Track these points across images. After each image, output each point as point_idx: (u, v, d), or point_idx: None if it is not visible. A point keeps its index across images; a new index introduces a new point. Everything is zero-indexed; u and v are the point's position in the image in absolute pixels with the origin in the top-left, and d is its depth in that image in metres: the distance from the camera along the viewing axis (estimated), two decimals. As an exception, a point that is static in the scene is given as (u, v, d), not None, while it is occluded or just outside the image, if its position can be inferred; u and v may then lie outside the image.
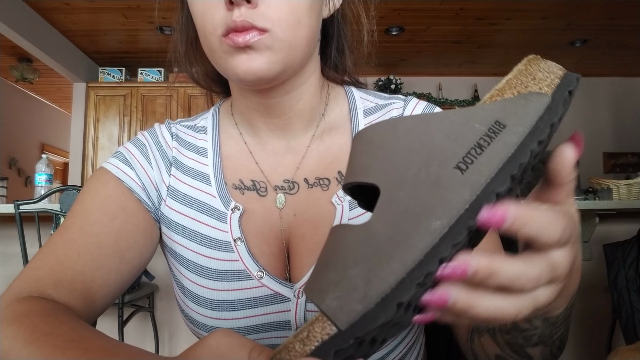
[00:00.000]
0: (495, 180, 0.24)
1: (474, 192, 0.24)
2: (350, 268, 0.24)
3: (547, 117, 0.26)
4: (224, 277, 0.48)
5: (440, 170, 0.25)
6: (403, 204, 0.24)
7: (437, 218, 0.23)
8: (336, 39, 0.55)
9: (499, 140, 0.25)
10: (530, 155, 0.25)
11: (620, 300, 1.79)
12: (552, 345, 0.38)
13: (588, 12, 3.52)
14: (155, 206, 0.52)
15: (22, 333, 0.36)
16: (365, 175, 0.27)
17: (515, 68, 0.30)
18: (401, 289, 0.22)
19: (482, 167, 0.25)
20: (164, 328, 2.15)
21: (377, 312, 0.22)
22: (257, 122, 0.53)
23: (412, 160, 0.26)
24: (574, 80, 0.28)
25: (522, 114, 0.26)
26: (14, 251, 2.08)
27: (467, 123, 0.27)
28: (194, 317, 0.49)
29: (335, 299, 0.23)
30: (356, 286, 0.23)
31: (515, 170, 0.25)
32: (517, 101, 0.27)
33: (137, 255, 0.49)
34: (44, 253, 0.45)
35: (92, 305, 0.45)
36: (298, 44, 0.44)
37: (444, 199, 0.24)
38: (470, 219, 0.23)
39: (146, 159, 0.52)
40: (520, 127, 0.26)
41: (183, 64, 0.55)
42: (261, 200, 0.51)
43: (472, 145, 0.26)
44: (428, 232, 0.23)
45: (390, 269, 0.23)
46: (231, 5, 0.41)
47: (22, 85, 5.28)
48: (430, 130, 0.27)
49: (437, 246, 0.23)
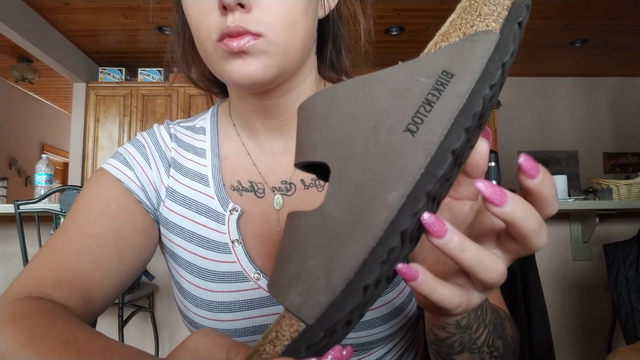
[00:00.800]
0: (449, 137, 0.23)
1: (428, 155, 0.22)
2: (309, 258, 0.22)
3: (497, 56, 0.24)
4: (222, 279, 0.48)
5: (390, 136, 0.23)
6: (355, 180, 0.23)
7: (393, 189, 0.22)
8: (332, 39, 0.55)
9: (448, 92, 0.24)
10: (483, 102, 0.23)
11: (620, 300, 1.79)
12: (481, 352, 0.38)
13: (588, 12, 3.52)
14: (155, 207, 0.52)
15: (19, 335, 0.36)
16: (313, 152, 0.25)
17: (459, 5, 0.27)
18: (365, 271, 0.22)
19: (433, 126, 0.23)
20: (164, 328, 2.15)
21: (343, 300, 0.21)
22: (254, 123, 0.53)
23: (358, 130, 0.24)
24: (524, 8, 0.26)
25: (469, 58, 0.24)
26: (14, 251, 2.08)
27: (413, 78, 0.24)
28: (192, 318, 0.49)
29: (298, 294, 0.22)
30: (318, 277, 0.22)
31: (469, 122, 0.23)
32: (463, 44, 0.25)
33: (137, 256, 0.49)
34: (44, 254, 0.45)
35: (91, 305, 0.45)
36: (293, 47, 0.44)
37: (397, 168, 0.22)
38: (428, 184, 0.22)
39: (145, 160, 0.52)
40: (469, 73, 0.24)
41: (180, 65, 0.55)
42: (259, 202, 0.51)
43: (420, 102, 0.24)
44: (385, 205, 0.22)
45: (351, 252, 0.22)
46: (225, 10, 0.41)
47: (22, 85, 5.28)
48: (374, 92, 0.25)
49: (396, 219, 0.22)
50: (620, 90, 4.93)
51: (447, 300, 0.25)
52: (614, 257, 1.83)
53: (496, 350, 0.39)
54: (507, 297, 1.50)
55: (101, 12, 3.49)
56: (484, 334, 0.37)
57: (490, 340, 0.38)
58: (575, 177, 4.66)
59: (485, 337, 0.37)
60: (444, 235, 0.23)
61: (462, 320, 0.34)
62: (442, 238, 0.23)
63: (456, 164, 0.24)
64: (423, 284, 0.24)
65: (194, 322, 0.49)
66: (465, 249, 0.24)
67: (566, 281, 2.19)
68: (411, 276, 0.24)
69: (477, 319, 0.36)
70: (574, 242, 2.18)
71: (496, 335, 0.38)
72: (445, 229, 0.23)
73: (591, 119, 4.84)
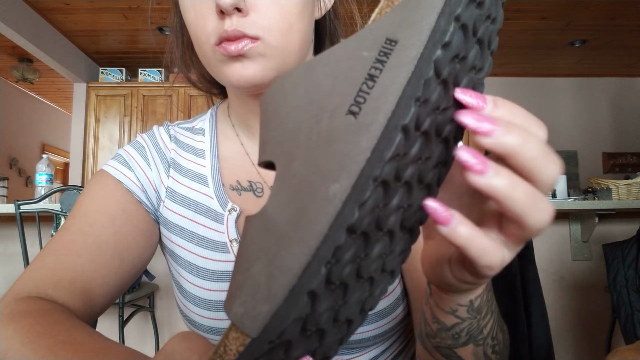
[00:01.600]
0: (396, 113, 0.20)
1: (373, 136, 0.20)
2: (251, 266, 0.21)
3: (447, 10, 0.21)
4: (220, 278, 0.49)
5: (331, 122, 0.21)
6: (297, 175, 0.21)
7: (335, 181, 0.20)
8: (330, 39, 0.55)
9: (392, 63, 0.21)
10: (435, 66, 0.20)
11: (620, 300, 1.79)
12: (485, 344, 0.36)
13: (588, 13, 3.52)
14: (155, 207, 0.52)
15: (18, 334, 0.36)
16: (264, 151, 0.24)
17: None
18: (309, 275, 0.19)
19: (377, 103, 0.20)
20: (164, 328, 2.16)
21: (287, 309, 0.19)
22: (253, 123, 0.53)
23: (302, 120, 0.22)
24: None
25: (415, 20, 0.21)
26: (15, 251, 2.08)
27: (354, 54, 0.22)
28: (192, 317, 0.50)
29: (240, 305, 0.20)
30: (259, 285, 0.20)
31: (419, 91, 0.20)
32: (406, 5, 0.22)
33: (137, 256, 0.49)
34: (44, 254, 0.46)
35: (92, 305, 0.45)
36: (291, 49, 0.44)
37: (339, 156, 0.20)
38: (375, 168, 0.19)
39: (145, 161, 0.53)
40: (415, 36, 0.21)
41: (180, 67, 0.56)
42: (258, 201, 0.52)
43: (363, 79, 0.21)
44: (327, 200, 0.20)
45: (292, 255, 0.20)
46: (222, 14, 0.41)
47: (23, 86, 5.28)
48: (317, 77, 0.23)
49: (340, 213, 0.19)
50: (620, 91, 4.93)
51: (490, 253, 0.22)
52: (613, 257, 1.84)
53: (497, 345, 0.37)
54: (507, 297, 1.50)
55: (101, 12, 3.49)
56: (491, 321, 0.35)
57: (494, 330, 0.36)
58: (574, 177, 4.66)
59: (491, 326, 0.35)
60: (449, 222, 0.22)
61: (475, 300, 0.32)
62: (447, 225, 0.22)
63: (430, 139, 0.22)
64: (458, 231, 0.22)
65: (194, 321, 0.50)
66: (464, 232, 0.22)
67: (565, 281, 2.19)
68: (444, 219, 0.22)
69: (488, 302, 0.34)
70: (573, 242, 2.18)
71: (498, 327, 0.37)
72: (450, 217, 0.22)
73: (590, 119, 4.84)
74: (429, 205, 0.22)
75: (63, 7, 3.42)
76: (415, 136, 0.21)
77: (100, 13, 3.51)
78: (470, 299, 0.31)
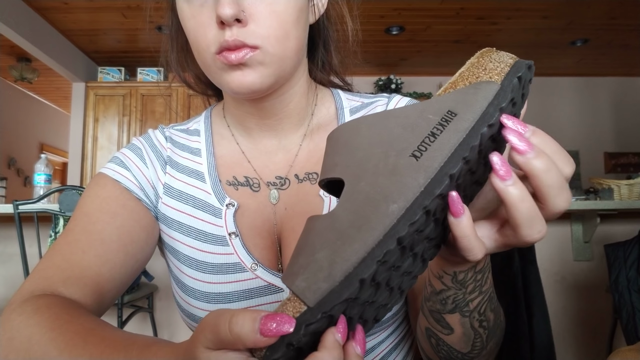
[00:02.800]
0: (448, 164, 0.27)
1: (428, 176, 0.27)
2: (317, 252, 0.26)
3: (496, 102, 0.29)
4: (220, 270, 0.50)
5: (397, 159, 0.28)
6: (364, 192, 0.27)
7: (394, 201, 0.26)
8: (323, 42, 0.57)
9: (450, 128, 0.28)
10: (481, 137, 0.28)
11: (622, 301, 1.78)
12: (471, 317, 0.40)
13: (589, 12, 3.51)
14: (154, 204, 0.54)
15: (45, 321, 0.38)
16: (333, 171, 0.30)
17: (468, 61, 0.33)
18: (362, 267, 0.25)
19: (435, 153, 0.27)
20: (164, 328, 2.15)
21: (341, 289, 0.25)
22: (249, 124, 0.55)
23: (372, 153, 0.29)
24: (524, 66, 0.31)
25: (472, 102, 0.29)
26: (13, 251, 2.07)
27: (422, 115, 0.29)
28: (191, 311, 0.51)
29: (303, 280, 0.26)
30: (322, 267, 0.25)
31: (466, 153, 0.27)
32: (467, 91, 0.30)
33: (140, 250, 0.51)
34: (50, 254, 0.47)
35: (102, 301, 0.47)
36: (288, 55, 0.46)
37: (400, 184, 0.27)
38: (426, 200, 0.26)
39: (141, 160, 0.55)
40: (470, 113, 0.28)
41: (175, 69, 0.57)
42: (254, 195, 0.53)
43: (426, 134, 0.28)
44: (386, 214, 0.26)
45: (352, 249, 0.25)
46: (222, 25, 0.43)
47: (21, 85, 5.27)
48: (389, 124, 0.30)
49: (395, 226, 0.25)
50: (621, 90, 4.93)
51: (471, 250, 0.29)
52: (615, 258, 1.83)
53: (486, 322, 0.41)
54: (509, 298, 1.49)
55: (100, 11, 3.49)
56: (478, 299, 0.39)
57: (482, 307, 0.40)
58: (576, 177, 4.65)
59: (478, 303, 0.39)
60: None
61: (459, 274, 0.36)
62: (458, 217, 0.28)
63: (456, 189, 0.28)
64: (462, 225, 0.28)
65: (192, 315, 0.51)
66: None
67: (567, 281, 2.18)
68: (457, 209, 0.27)
69: (475, 282, 0.38)
70: (575, 242, 2.17)
71: (489, 307, 0.41)
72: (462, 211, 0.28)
73: (592, 118, 4.84)
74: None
75: (62, 6, 3.41)
76: (455, 183, 0.27)
77: (99, 12, 3.50)
78: (455, 270, 0.36)
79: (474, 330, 0.40)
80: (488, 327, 0.41)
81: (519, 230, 0.28)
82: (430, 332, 0.43)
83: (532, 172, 0.27)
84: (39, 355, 0.36)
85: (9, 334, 0.39)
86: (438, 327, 0.42)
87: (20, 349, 0.37)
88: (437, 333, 0.42)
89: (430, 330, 0.43)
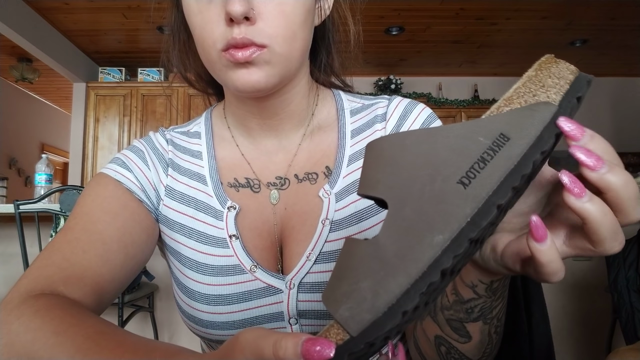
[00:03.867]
0: (496, 194, 0.26)
1: (475, 206, 0.26)
2: (360, 281, 0.26)
3: (552, 126, 0.27)
4: (219, 272, 0.50)
5: (444, 185, 0.26)
6: (408, 220, 0.26)
7: (440, 232, 0.25)
8: (325, 45, 0.57)
9: (502, 154, 0.27)
10: (532, 166, 0.26)
11: (621, 301, 1.79)
12: (491, 324, 0.39)
13: (588, 12, 3.52)
14: (155, 206, 0.54)
15: (47, 324, 0.36)
16: (375, 189, 0.29)
17: (525, 75, 0.31)
18: (406, 299, 0.25)
19: (484, 181, 0.26)
20: (164, 328, 2.15)
21: (384, 320, 0.24)
22: (250, 123, 0.55)
23: (417, 176, 0.28)
24: (584, 84, 0.29)
25: (526, 126, 0.27)
26: (14, 251, 2.08)
27: (472, 137, 0.28)
28: (191, 312, 0.51)
29: (347, 310, 0.25)
30: (365, 297, 0.25)
31: (517, 182, 0.26)
32: (522, 112, 0.28)
33: (140, 251, 0.51)
34: (49, 252, 0.46)
35: (101, 301, 0.46)
36: (293, 56, 0.46)
37: (446, 214, 0.26)
38: (472, 232, 0.25)
39: (143, 162, 0.54)
40: (524, 139, 0.27)
41: (177, 66, 0.57)
42: (255, 196, 0.53)
43: (476, 159, 0.27)
44: (430, 246, 0.25)
45: (396, 281, 0.25)
46: (231, 22, 0.42)
47: (22, 85, 5.28)
48: (436, 145, 0.28)
49: (439, 259, 0.25)
50: (620, 90, 4.93)
51: (557, 273, 0.27)
52: (614, 257, 1.83)
53: (500, 326, 0.41)
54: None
55: (101, 12, 3.49)
56: (500, 304, 0.38)
57: (501, 313, 0.39)
58: (575, 177, 4.66)
59: (499, 309, 0.39)
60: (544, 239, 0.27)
61: (496, 282, 0.35)
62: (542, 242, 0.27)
63: (501, 214, 0.27)
64: (550, 251, 0.26)
65: (192, 316, 0.51)
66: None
67: (566, 281, 2.19)
68: (541, 235, 0.26)
69: (504, 287, 0.37)
70: (574, 242, 2.17)
71: (504, 311, 0.40)
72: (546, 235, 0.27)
73: (591, 118, 4.84)
74: (532, 220, 0.27)
75: (62, 7, 3.42)
76: (501, 212, 0.27)
77: (100, 12, 3.51)
78: (492, 279, 0.35)
79: (489, 337, 0.40)
80: (499, 333, 0.41)
81: (603, 244, 0.27)
82: (442, 340, 0.42)
83: (610, 187, 0.26)
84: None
85: (6, 339, 0.36)
86: (454, 336, 0.41)
87: (22, 354, 0.35)
88: (450, 341, 0.41)
89: (441, 338, 0.42)
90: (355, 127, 0.56)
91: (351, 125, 0.56)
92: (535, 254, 0.27)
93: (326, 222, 0.49)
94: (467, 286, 0.37)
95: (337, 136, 0.55)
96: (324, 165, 0.54)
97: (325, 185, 0.52)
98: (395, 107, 0.56)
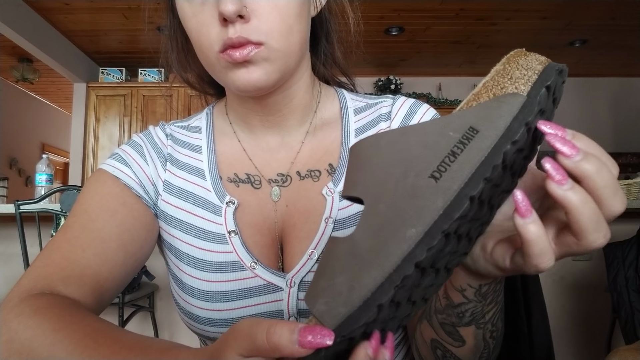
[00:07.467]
0: (467, 185, 0.26)
1: (447, 199, 0.26)
2: (337, 276, 0.26)
3: (521, 116, 0.27)
4: (219, 269, 0.49)
5: (416, 180, 0.27)
6: (382, 215, 0.27)
7: (412, 226, 0.26)
8: (325, 34, 0.56)
9: (471, 146, 0.27)
10: (503, 156, 0.26)
11: (620, 300, 1.79)
12: (485, 329, 0.39)
13: (588, 12, 3.52)
14: (154, 201, 0.53)
15: (46, 322, 0.36)
16: (354, 189, 0.30)
17: (494, 69, 0.31)
18: (380, 293, 0.25)
19: (454, 174, 0.26)
20: (164, 328, 2.16)
21: (359, 314, 0.25)
22: (252, 120, 0.54)
23: (391, 174, 0.28)
24: (553, 73, 0.29)
25: (495, 118, 0.28)
26: (15, 251, 2.08)
27: (443, 132, 0.28)
28: (189, 309, 0.50)
29: (323, 304, 0.26)
30: (341, 292, 0.26)
31: (488, 173, 0.26)
32: (490, 105, 0.28)
33: (139, 249, 0.50)
34: (49, 251, 0.46)
35: (101, 300, 0.46)
36: (292, 50, 0.46)
37: (419, 208, 0.26)
38: (444, 224, 0.25)
39: (141, 157, 0.54)
40: (492, 130, 0.27)
41: (177, 69, 0.56)
42: (255, 193, 0.53)
43: (446, 153, 0.27)
44: (404, 239, 0.25)
45: (370, 275, 0.25)
46: (225, 22, 0.42)
47: (23, 86, 5.28)
48: (409, 142, 0.29)
49: (412, 251, 0.25)
50: (620, 91, 4.93)
51: (546, 255, 0.27)
52: (613, 257, 1.83)
53: (496, 332, 0.41)
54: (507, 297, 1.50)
55: (101, 12, 3.49)
56: (493, 310, 0.38)
57: (495, 318, 0.39)
58: (575, 177, 4.66)
59: (492, 314, 0.39)
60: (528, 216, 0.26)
61: (484, 286, 0.36)
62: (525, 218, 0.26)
63: (483, 207, 0.28)
64: (535, 226, 0.26)
65: (191, 313, 0.50)
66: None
67: (566, 281, 2.19)
68: (524, 211, 0.26)
69: (494, 292, 0.37)
70: (573, 242, 2.18)
71: (500, 317, 0.40)
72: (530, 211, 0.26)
73: (590, 119, 4.84)
74: (516, 195, 0.26)
75: (63, 7, 3.42)
76: (476, 204, 0.26)
77: (100, 13, 3.51)
78: (480, 283, 0.35)
79: (485, 342, 0.40)
80: (496, 338, 0.41)
81: (585, 235, 0.26)
82: (437, 343, 0.42)
83: (584, 174, 0.26)
84: (44, 358, 0.34)
85: (6, 336, 0.37)
86: (448, 340, 0.41)
87: (22, 351, 0.35)
88: (445, 345, 0.41)
89: (437, 342, 0.42)
90: (359, 126, 0.55)
91: (355, 124, 0.55)
92: (521, 230, 0.26)
93: (329, 221, 0.49)
94: (456, 290, 0.37)
95: (341, 134, 0.55)
96: (327, 163, 0.53)
97: (329, 183, 0.51)
98: (400, 106, 0.56)
